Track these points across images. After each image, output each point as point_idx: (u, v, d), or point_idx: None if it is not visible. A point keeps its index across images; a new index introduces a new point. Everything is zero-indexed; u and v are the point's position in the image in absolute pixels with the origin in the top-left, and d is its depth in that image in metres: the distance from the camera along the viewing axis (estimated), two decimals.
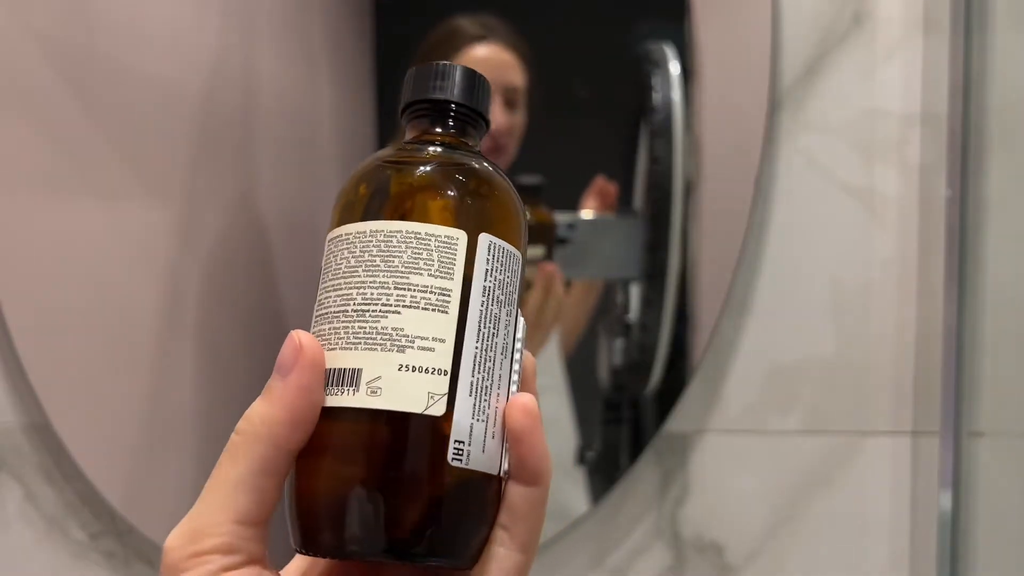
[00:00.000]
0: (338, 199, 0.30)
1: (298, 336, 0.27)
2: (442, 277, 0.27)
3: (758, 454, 0.65)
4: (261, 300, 0.69)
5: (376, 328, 0.27)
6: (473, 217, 0.28)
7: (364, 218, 0.28)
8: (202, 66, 0.66)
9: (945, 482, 0.63)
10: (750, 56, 0.65)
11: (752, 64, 0.65)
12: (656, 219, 0.64)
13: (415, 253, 0.27)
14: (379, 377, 0.26)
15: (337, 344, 0.27)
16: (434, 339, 0.27)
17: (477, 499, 0.27)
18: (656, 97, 0.65)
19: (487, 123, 0.32)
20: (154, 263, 0.65)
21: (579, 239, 0.65)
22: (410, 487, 0.26)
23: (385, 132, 0.67)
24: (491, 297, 0.28)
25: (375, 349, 0.27)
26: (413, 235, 0.27)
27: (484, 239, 0.28)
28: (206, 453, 0.67)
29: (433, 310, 0.27)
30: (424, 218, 0.28)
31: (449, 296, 0.27)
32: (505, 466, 0.28)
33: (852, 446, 0.65)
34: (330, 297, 0.28)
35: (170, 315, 0.65)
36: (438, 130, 0.31)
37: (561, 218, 0.64)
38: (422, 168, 0.29)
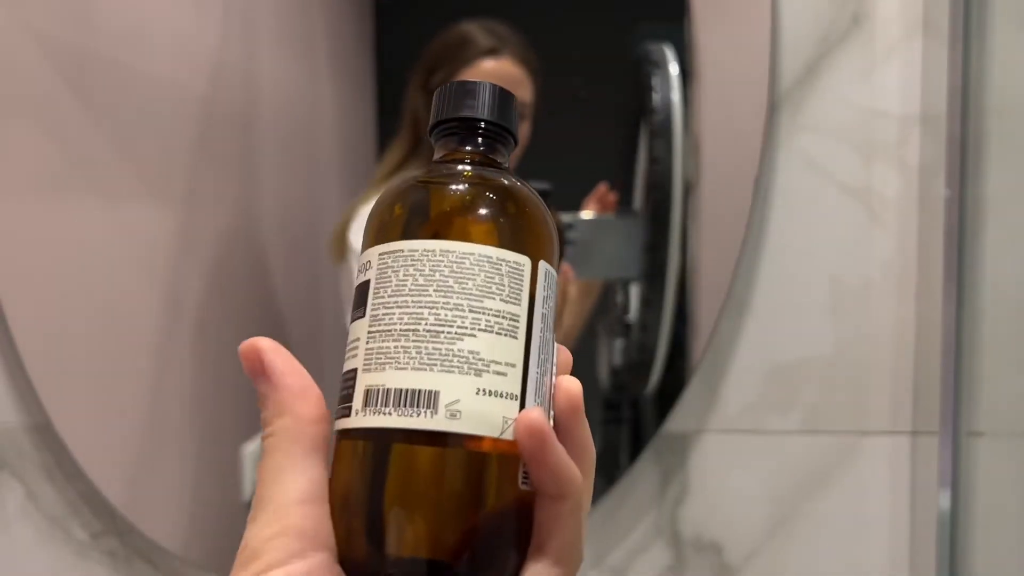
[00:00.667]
0: (381, 213, 0.30)
1: (248, 344, 0.28)
2: (512, 303, 0.28)
3: (757, 454, 0.65)
4: (261, 301, 0.70)
5: (452, 350, 0.27)
6: (532, 243, 0.29)
7: (422, 236, 0.28)
8: (203, 67, 0.67)
9: (944, 482, 0.63)
10: (749, 57, 0.65)
11: (751, 65, 0.65)
12: (656, 219, 0.64)
13: (488, 277, 0.27)
14: (458, 400, 0.26)
15: (408, 364, 0.27)
16: (507, 364, 0.27)
17: (528, 519, 0.27)
18: (656, 98, 0.65)
19: (516, 140, 0.32)
20: (155, 264, 0.65)
21: (579, 239, 0.65)
22: (490, 511, 0.26)
23: (385, 133, 0.67)
24: (546, 323, 0.29)
25: (452, 372, 0.26)
26: (486, 259, 0.27)
27: (543, 266, 0.29)
28: (206, 453, 0.67)
29: (505, 335, 0.27)
30: (491, 242, 0.28)
31: (518, 322, 0.28)
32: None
33: (851, 446, 0.65)
34: (392, 314, 0.27)
35: (171, 316, 0.66)
36: (469, 148, 0.31)
37: (562, 218, 0.65)
38: (481, 189, 0.29)
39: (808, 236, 0.65)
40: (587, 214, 0.65)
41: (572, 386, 0.28)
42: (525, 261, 0.28)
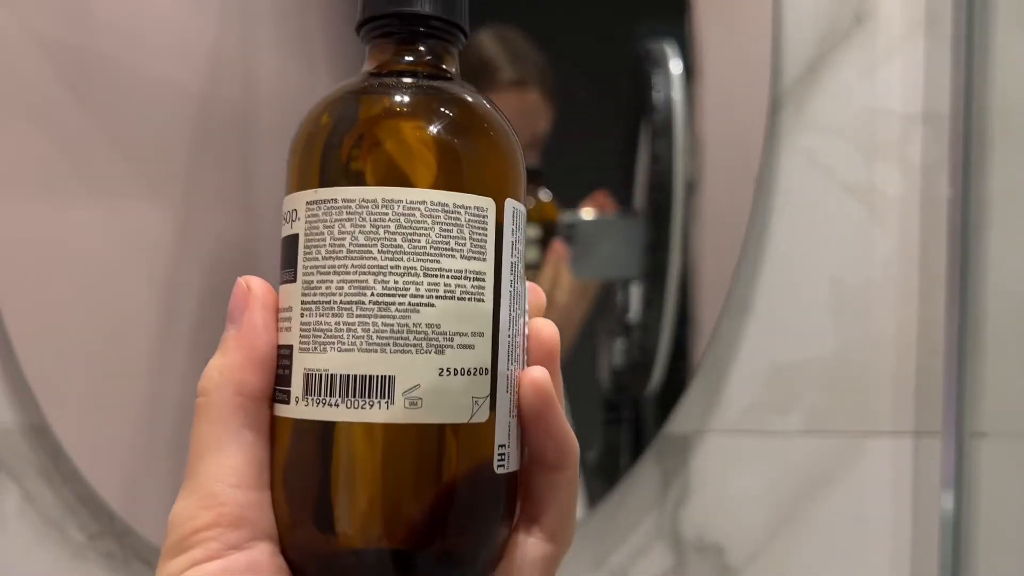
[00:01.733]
0: (302, 140, 0.25)
1: (246, 281, 0.25)
2: (475, 258, 0.23)
3: (759, 455, 0.65)
4: None
5: (407, 325, 0.22)
6: (496, 178, 0.24)
7: (359, 180, 0.23)
8: (201, 66, 0.66)
9: (947, 482, 0.63)
10: (751, 55, 0.65)
11: (753, 63, 0.64)
12: (656, 219, 0.64)
13: (444, 230, 0.23)
14: (417, 385, 0.22)
15: (354, 344, 0.22)
16: (473, 334, 0.23)
17: (509, 500, 0.24)
18: (657, 96, 0.64)
19: (466, 35, 0.26)
20: (153, 264, 0.65)
21: (579, 239, 0.64)
22: (460, 505, 0.23)
23: None
24: (516, 273, 0.24)
25: (408, 351, 0.22)
26: (440, 207, 0.22)
27: (509, 205, 0.24)
28: None
29: (469, 299, 0.23)
30: (445, 184, 0.23)
31: (484, 280, 0.23)
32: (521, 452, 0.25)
33: (853, 446, 0.65)
34: (330, 281, 0.23)
35: (169, 316, 0.65)
36: (410, 58, 0.25)
37: (561, 218, 0.64)
38: (423, 114, 0.24)
39: (810, 235, 0.65)
40: (587, 214, 0.65)
41: (547, 332, 0.25)
42: (488, 204, 0.23)
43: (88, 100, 0.64)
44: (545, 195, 0.63)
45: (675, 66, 0.64)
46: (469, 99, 0.25)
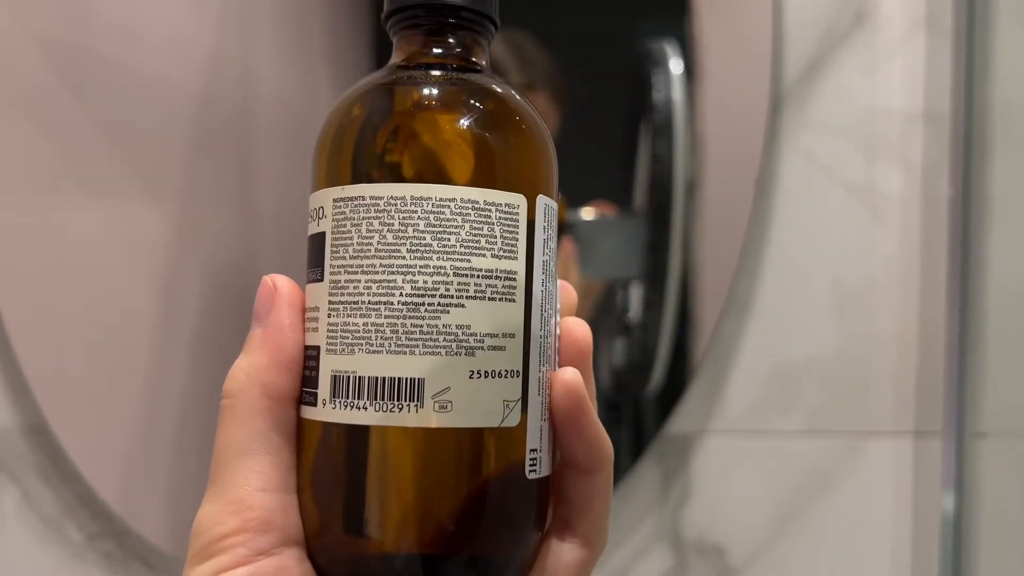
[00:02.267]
0: (330, 135, 0.24)
1: (272, 279, 0.24)
2: (507, 257, 0.22)
3: (760, 455, 0.65)
4: None
5: (436, 326, 0.22)
6: (529, 175, 0.23)
7: (388, 176, 0.23)
8: (200, 66, 0.66)
9: (948, 483, 0.63)
10: (752, 54, 0.65)
11: (754, 62, 0.64)
12: (657, 218, 0.64)
13: (475, 228, 0.22)
14: (447, 388, 0.22)
15: (382, 346, 0.22)
16: (504, 335, 0.22)
17: (541, 505, 0.24)
18: (657, 96, 0.64)
19: (497, 27, 0.26)
20: (152, 263, 0.65)
21: (579, 239, 0.64)
22: (490, 510, 0.22)
23: None
24: (548, 272, 0.24)
25: (438, 353, 0.22)
26: (470, 204, 0.22)
27: (541, 202, 0.24)
28: (205, 454, 0.66)
29: (500, 299, 0.22)
30: (476, 180, 0.22)
31: (515, 280, 0.23)
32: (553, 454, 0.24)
33: (854, 447, 0.65)
34: (358, 281, 0.22)
35: (168, 316, 0.65)
36: (439, 50, 0.25)
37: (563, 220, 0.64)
38: (456, 108, 0.23)
39: (810, 235, 0.65)
40: (587, 214, 0.65)
41: (580, 332, 0.24)
42: (520, 201, 0.23)
43: (87, 100, 0.64)
44: None
45: (675, 66, 0.64)
46: (501, 92, 0.24)
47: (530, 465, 0.23)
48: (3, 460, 0.64)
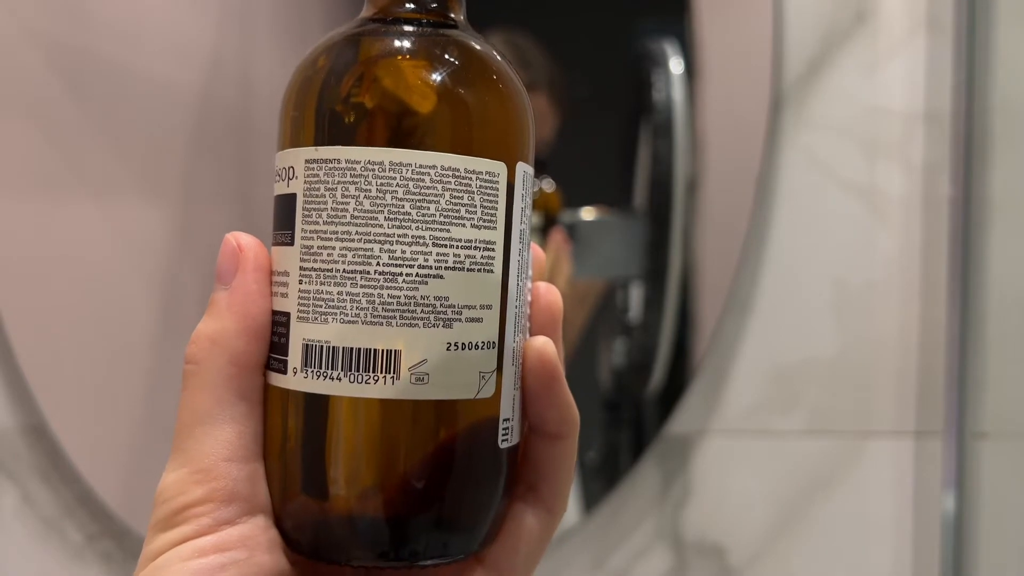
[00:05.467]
0: (295, 89, 0.23)
1: (235, 238, 0.24)
2: (486, 227, 0.22)
3: (760, 455, 0.65)
4: None
5: (414, 297, 0.21)
6: (509, 140, 0.23)
7: (364, 139, 0.22)
8: (200, 65, 0.66)
9: (948, 483, 0.63)
10: (752, 54, 0.65)
11: (754, 62, 0.64)
12: (657, 218, 0.64)
13: (454, 197, 0.21)
14: (424, 361, 0.21)
15: (358, 316, 0.21)
16: (482, 307, 0.22)
17: (510, 472, 0.24)
18: (657, 95, 0.64)
19: None
20: (152, 263, 0.65)
21: (579, 239, 0.64)
22: (461, 479, 0.22)
23: None
24: (524, 241, 0.23)
25: (415, 324, 0.21)
26: (451, 172, 0.21)
27: (520, 170, 0.23)
28: None
29: (479, 270, 0.22)
30: (456, 146, 0.22)
31: (494, 250, 0.22)
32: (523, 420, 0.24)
33: (855, 447, 0.65)
34: (332, 248, 0.22)
35: (168, 315, 0.65)
36: (411, 5, 0.23)
37: (562, 215, 0.64)
38: (439, 69, 0.22)
39: (811, 235, 0.65)
40: (587, 214, 0.65)
41: (550, 297, 0.24)
42: (501, 169, 0.22)
43: (87, 100, 0.64)
44: (549, 185, 0.62)
45: (676, 65, 0.64)
46: (479, 48, 0.23)
47: (503, 435, 0.23)
48: (2, 460, 0.64)
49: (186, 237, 0.66)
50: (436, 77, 0.22)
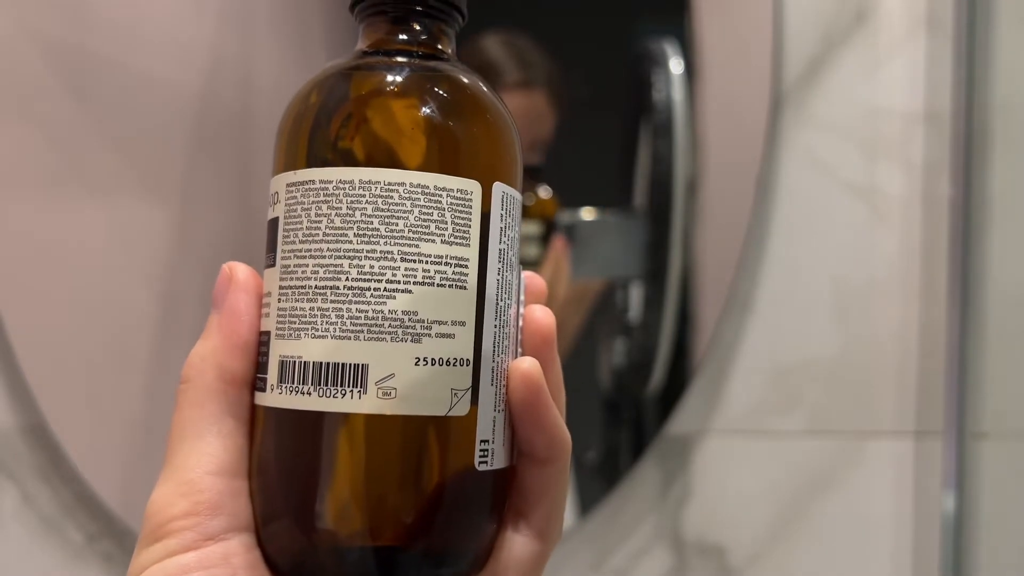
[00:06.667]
0: (289, 120, 0.25)
1: (229, 267, 0.25)
2: (457, 243, 0.22)
3: (760, 455, 0.65)
4: None
5: (382, 312, 0.21)
6: (483, 160, 0.23)
7: (339, 160, 0.22)
8: (200, 65, 0.66)
9: (949, 483, 0.63)
10: (752, 54, 0.65)
11: (754, 62, 0.64)
12: (657, 218, 0.64)
13: (424, 213, 0.22)
14: (392, 375, 0.21)
15: (327, 331, 0.22)
16: (453, 323, 0.22)
17: (497, 498, 0.23)
18: (657, 95, 0.64)
19: (464, 16, 0.26)
20: (152, 263, 0.65)
21: (579, 239, 0.64)
22: (442, 502, 0.22)
23: None
24: (505, 261, 0.23)
25: (383, 339, 0.21)
26: (419, 189, 0.22)
27: (498, 190, 0.23)
28: None
29: (450, 286, 0.22)
30: (427, 164, 0.22)
31: (467, 267, 0.22)
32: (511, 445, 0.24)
33: (855, 447, 0.65)
34: (305, 265, 0.22)
35: (168, 315, 0.65)
36: (404, 37, 0.24)
37: (561, 217, 0.64)
38: (411, 92, 0.23)
39: (811, 235, 0.65)
40: (587, 214, 0.65)
41: (542, 317, 0.24)
42: (473, 187, 0.22)
43: (87, 100, 0.64)
44: (545, 192, 0.62)
45: (675, 66, 0.64)
46: (462, 79, 0.24)
47: (480, 456, 0.22)
48: (2, 460, 0.64)
49: (186, 237, 0.66)
50: (419, 107, 0.23)
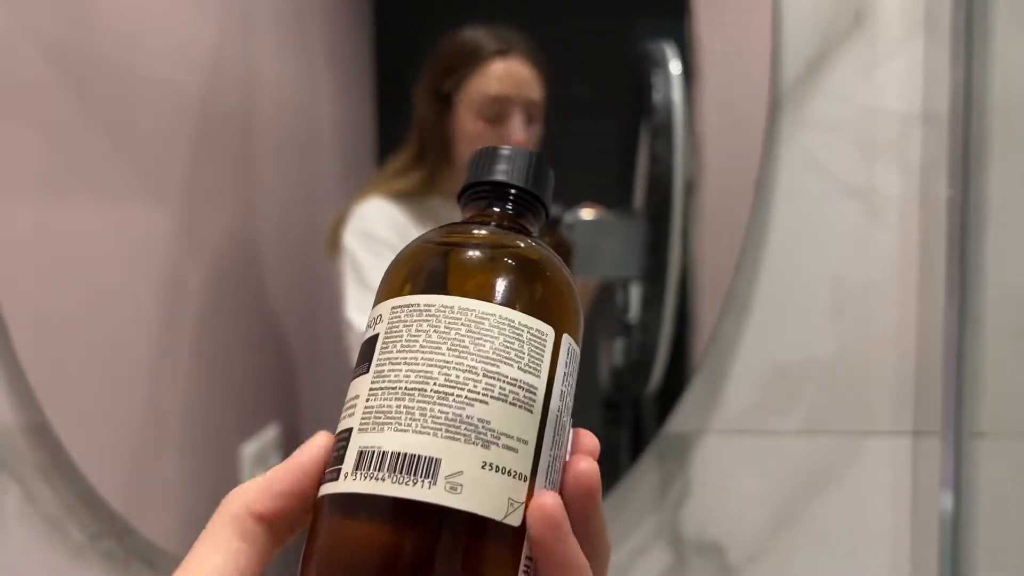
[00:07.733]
0: (399, 267, 0.28)
1: (323, 437, 0.26)
2: (531, 373, 0.25)
3: (759, 454, 0.65)
4: (259, 300, 0.69)
5: (460, 416, 0.24)
6: (557, 314, 0.27)
7: (442, 291, 0.26)
8: (202, 67, 0.66)
9: (946, 483, 0.63)
10: (751, 55, 0.65)
11: (753, 63, 0.64)
12: (656, 219, 0.64)
13: (507, 341, 0.25)
14: (460, 472, 0.23)
15: (409, 426, 0.24)
16: (519, 439, 0.24)
17: None
18: (657, 96, 0.64)
19: (548, 211, 0.31)
20: (153, 264, 0.65)
21: (579, 239, 0.64)
22: None
23: (384, 132, 0.67)
24: (564, 403, 0.26)
25: (457, 439, 0.24)
26: (507, 322, 0.25)
27: (566, 340, 0.27)
28: (204, 454, 0.67)
29: (520, 407, 0.25)
30: (515, 306, 0.26)
31: (535, 394, 0.25)
32: None
33: (853, 446, 0.65)
34: (399, 370, 0.25)
35: (169, 316, 0.65)
36: (497, 210, 0.29)
37: (563, 217, 0.64)
38: (508, 250, 0.27)
39: (810, 235, 0.65)
40: (587, 214, 0.65)
41: (586, 468, 0.25)
42: (549, 331, 0.26)
43: (90, 101, 0.64)
44: None
45: (675, 66, 0.64)
46: (543, 250, 0.28)
47: (524, 569, 0.24)
48: (5, 460, 0.64)
49: (188, 237, 0.66)
50: (510, 265, 0.27)
